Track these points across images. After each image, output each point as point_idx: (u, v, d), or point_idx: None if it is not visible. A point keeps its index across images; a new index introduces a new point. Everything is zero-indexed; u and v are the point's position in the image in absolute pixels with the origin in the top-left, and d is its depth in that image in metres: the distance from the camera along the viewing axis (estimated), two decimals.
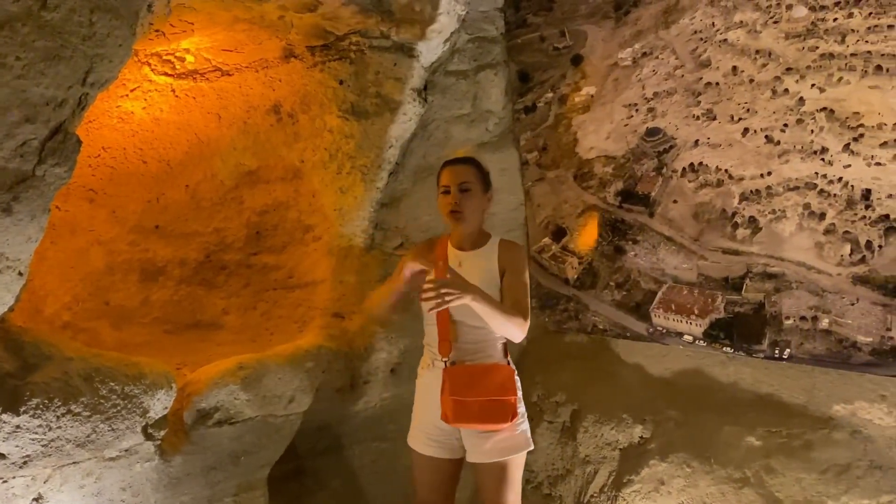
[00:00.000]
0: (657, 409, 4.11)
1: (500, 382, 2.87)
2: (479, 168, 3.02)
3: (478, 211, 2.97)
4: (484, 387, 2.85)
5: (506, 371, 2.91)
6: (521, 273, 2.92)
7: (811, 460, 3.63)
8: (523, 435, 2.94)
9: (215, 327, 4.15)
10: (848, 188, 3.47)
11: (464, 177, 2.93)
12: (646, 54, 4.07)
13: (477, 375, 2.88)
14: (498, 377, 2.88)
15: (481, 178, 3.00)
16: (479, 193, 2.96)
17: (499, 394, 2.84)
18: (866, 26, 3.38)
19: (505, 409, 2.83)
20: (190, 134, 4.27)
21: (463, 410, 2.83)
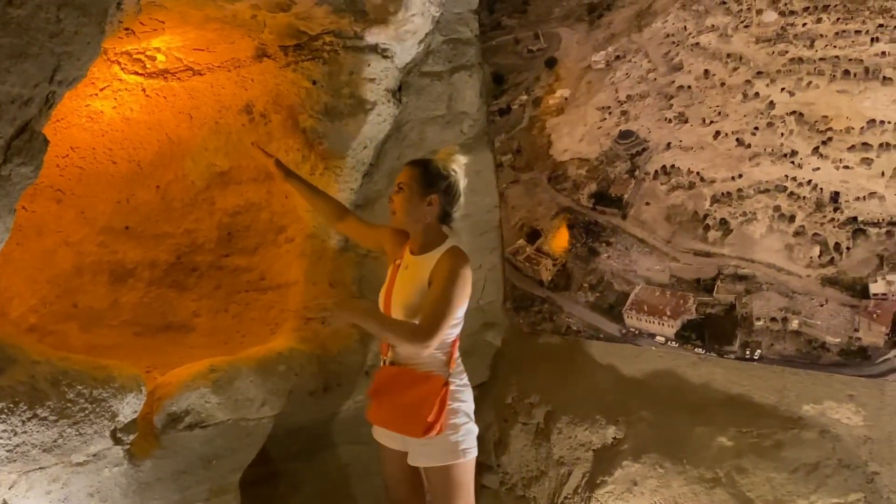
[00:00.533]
0: (630, 410, 4.14)
1: (422, 396, 2.85)
2: (423, 170, 3.00)
3: (411, 212, 2.97)
4: (403, 395, 2.88)
5: (433, 385, 2.87)
6: (443, 285, 2.82)
7: (781, 460, 3.68)
8: (454, 446, 2.90)
9: (186, 330, 4.09)
10: (817, 191, 3.51)
11: (402, 177, 3.00)
12: (619, 57, 4.10)
13: (401, 381, 2.92)
14: (420, 390, 2.87)
15: (422, 180, 2.97)
16: (413, 195, 2.95)
17: (414, 406, 2.84)
18: (834, 32, 3.43)
19: (416, 423, 2.82)
20: (161, 134, 4.21)
21: (378, 411, 2.97)
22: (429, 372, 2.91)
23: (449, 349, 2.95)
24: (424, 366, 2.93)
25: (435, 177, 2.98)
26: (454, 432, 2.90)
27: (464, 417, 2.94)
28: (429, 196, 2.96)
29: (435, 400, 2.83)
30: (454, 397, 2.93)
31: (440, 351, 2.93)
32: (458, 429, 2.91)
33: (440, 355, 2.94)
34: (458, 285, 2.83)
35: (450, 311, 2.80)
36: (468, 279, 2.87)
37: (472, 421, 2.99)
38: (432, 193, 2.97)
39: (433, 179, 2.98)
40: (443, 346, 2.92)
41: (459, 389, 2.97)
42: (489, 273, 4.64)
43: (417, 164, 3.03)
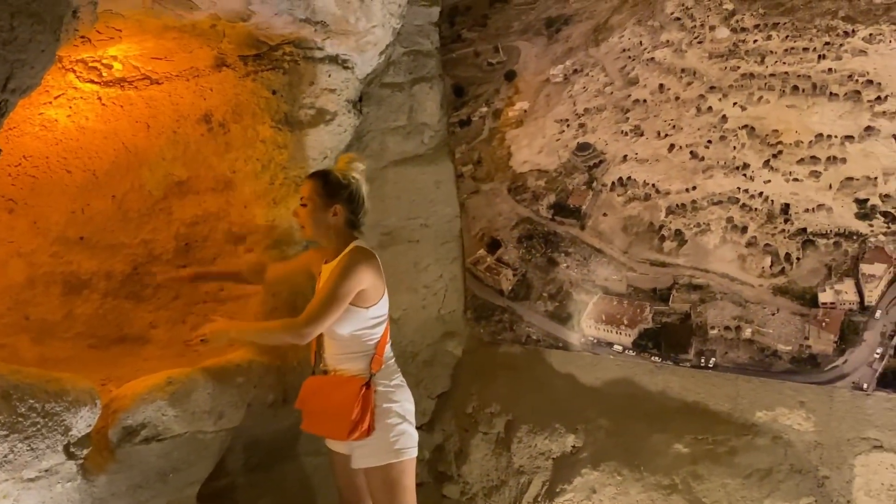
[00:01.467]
0: (589, 418, 4.18)
1: (342, 398, 2.91)
2: (323, 181, 3.06)
3: (317, 224, 3.05)
4: (324, 400, 2.98)
5: (352, 387, 2.92)
6: (330, 280, 2.90)
7: (735, 466, 3.76)
8: (389, 445, 2.96)
9: (142, 341, 4.03)
10: (768, 202, 3.62)
11: (305, 191, 3.07)
12: (577, 71, 4.17)
13: (323, 387, 3.03)
14: (341, 393, 2.93)
15: (322, 191, 3.04)
16: (316, 207, 3.03)
17: (335, 409, 2.91)
18: (784, 48, 3.54)
19: (339, 425, 2.88)
20: (117, 143, 4.15)
21: (308, 419, 3.09)
22: (352, 376, 2.98)
23: (372, 352, 3.00)
24: (348, 371, 3.00)
25: (335, 187, 3.05)
26: (387, 432, 2.96)
27: (396, 418, 2.99)
28: (332, 206, 3.03)
29: (354, 400, 2.88)
30: (385, 398, 2.98)
31: (361, 354, 3.00)
32: (392, 429, 2.96)
33: (362, 358, 3.00)
34: (345, 281, 2.87)
35: (329, 303, 2.84)
36: (360, 276, 2.90)
37: (406, 422, 3.02)
38: (335, 203, 3.04)
39: (334, 190, 3.05)
40: (364, 350, 2.99)
41: (390, 390, 3.02)
42: (450, 283, 4.66)
43: (317, 177, 3.10)
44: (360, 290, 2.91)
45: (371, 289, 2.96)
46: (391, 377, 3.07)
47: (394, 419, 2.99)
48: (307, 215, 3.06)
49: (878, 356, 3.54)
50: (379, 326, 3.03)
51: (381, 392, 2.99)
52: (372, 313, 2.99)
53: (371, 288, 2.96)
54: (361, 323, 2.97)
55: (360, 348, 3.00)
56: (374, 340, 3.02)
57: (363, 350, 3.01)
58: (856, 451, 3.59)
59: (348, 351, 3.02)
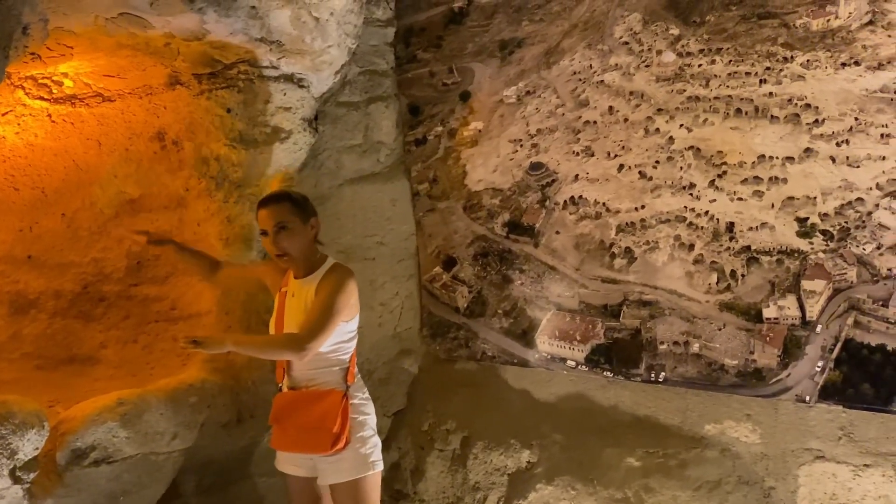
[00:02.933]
0: (543, 434, 4.23)
1: (323, 411, 2.88)
2: (293, 201, 3.02)
3: (303, 244, 2.99)
4: (304, 414, 2.91)
5: (332, 399, 2.91)
6: (324, 295, 2.87)
7: (686, 478, 3.84)
8: (364, 458, 2.95)
9: (92, 362, 3.95)
10: (714, 221, 3.73)
11: (278, 216, 2.95)
12: (529, 92, 4.26)
13: (300, 402, 2.95)
14: (321, 406, 2.90)
15: (298, 209, 3.00)
16: (297, 226, 2.97)
17: (317, 422, 2.87)
18: (727, 72, 3.68)
19: (322, 438, 2.85)
20: (67, 161, 4.09)
21: (282, 436, 2.98)
22: (329, 389, 2.95)
23: (347, 365, 3.00)
24: (324, 384, 2.96)
25: (304, 201, 3.05)
26: (362, 445, 2.95)
27: (369, 430, 3.00)
28: (310, 221, 3.02)
29: (337, 412, 2.87)
30: (358, 410, 2.98)
31: (337, 367, 2.98)
32: (366, 441, 2.97)
33: (337, 371, 2.98)
34: (341, 296, 2.87)
35: (329, 318, 2.83)
36: (352, 291, 2.93)
37: (376, 434, 3.05)
38: (311, 217, 3.03)
39: (305, 204, 3.04)
40: (340, 363, 2.98)
41: (362, 403, 3.03)
42: (406, 300, 4.67)
43: (282, 199, 3.02)
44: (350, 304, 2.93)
45: (355, 304, 2.98)
46: (362, 389, 3.08)
47: (367, 431, 2.99)
48: (290, 237, 2.95)
49: (819, 369, 3.67)
50: (353, 340, 3.03)
51: (355, 404, 2.98)
52: (350, 327, 2.98)
53: (355, 303, 2.98)
54: (340, 336, 2.95)
55: (336, 361, 2.97)
56: (349, 353, 3.01)
57: (339, 363, 2.98)
58: (800, 462, 3.71)
59: (324, 365, 2.96)
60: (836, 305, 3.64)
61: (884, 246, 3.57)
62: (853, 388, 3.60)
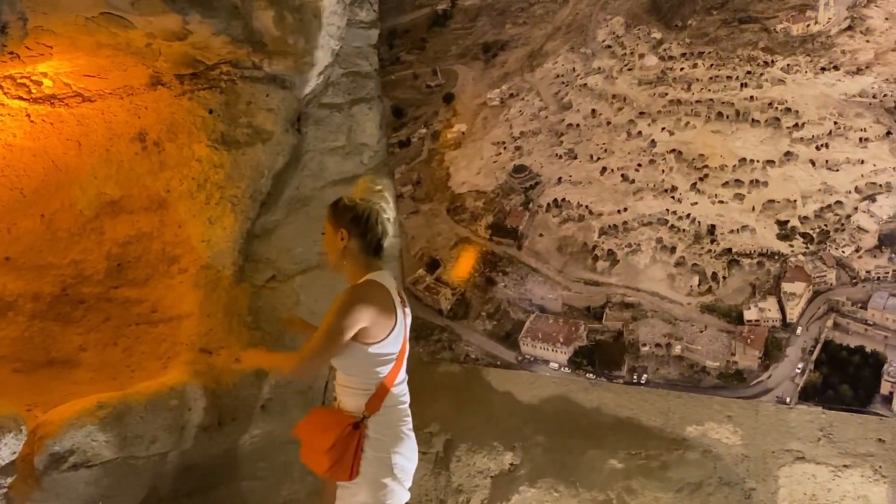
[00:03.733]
0: (526, 436, 4.24)
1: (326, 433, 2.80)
2: (332, 209, 3.00)
3: (334, 251, 2.97)
4: (313, 432, 2.88)
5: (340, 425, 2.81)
6: (328, 316, 2.79)
7: (667, 480, 3.86)
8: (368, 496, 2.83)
9: (71, 365, 3.91)
10: (695, 224, 3.76)
11: (325, 220, 3.01)
12: (513, 95, 4.28)
13: (318, 420, 2.94)
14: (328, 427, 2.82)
15: (332, 219, 2.97)
16: (329, 234, 2.97)
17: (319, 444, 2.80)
18: (709, 76, 3.71)
19: (320, 460, 2.79)
20: (46, 161, 4.05)
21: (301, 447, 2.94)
22: (344, 411, 2.87)
23: (370, 391, 2.84)
24: (346, 406, 2.88)
25: (340, 211, 2.96)
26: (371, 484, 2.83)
27: (384, 472, 2.83)
28: (339, 231, 2.93)
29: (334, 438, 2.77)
30: (378, 446, 2.83)
31: (357, 391, 2.85)
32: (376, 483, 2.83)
33: (358, 396, 2.85)
34: (338, 318, 2.74)
35: (322, 341, 2.75)
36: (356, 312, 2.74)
37: (393, 477, 2.85)
38: (341, 228, 2.94)
39: (339, 215, 2.96)
40: (361, 388, 2.85)
41: (383, 439, 2.85)
42: None
43: (329, 205, 3.02)
44: (362, 327, 2.76)
45: (374, 326, 2.78)
46: (391, 425, 2.89)
47: (381, 472, 2.83)
48: (325, 243, 3.02)
49: (799, 371, 3.72)
50: (384, 365, 2.84)
51: (373, 439, 2.83)
52: (377, 350, 2.82)
53: (373, 325, 2.78)
54: (362, 360, 2.82)
55: (362, 385, 2.85)
56: (375, 380, 2.84)
57: (362, 388, 2.85)
58: (780, 463, 3.74)
59: (351, 385, 2.88)
60: (816, 307, 3.68)
61: (862, 249, 3.60)
62: (833, 390, 3.65)
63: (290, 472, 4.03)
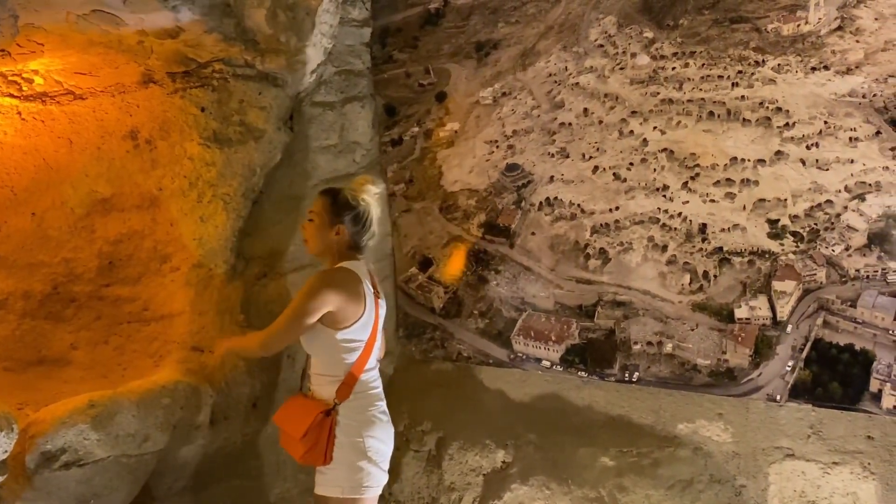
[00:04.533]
0: (518, 434, 4.25)
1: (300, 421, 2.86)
2: (332, 200, 3.01)
3: (318, 239, 3.01)
4: (289, 419, 2.95)
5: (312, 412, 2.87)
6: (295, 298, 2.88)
7: (658, 477, 3.88)
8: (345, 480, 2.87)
9: (62, 363, 3.89)
10: (687, 222, 3.77)
11: (315, 206, 3.04)
12: (505, 94, 4.28)
13: (292, 407, 3.00)
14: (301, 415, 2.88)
15: (331, 210, 2.99)
16: (322, 224, 2.99)
17: (294, 431, 2.87)
18: (700, 76, 3.72)
19: (295, 447, 2.87)
20: (37, 159, 4.03)
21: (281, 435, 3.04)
22: (317, 400, 2.93)
23: (341, 379, 2.90)
24: (320, 394, 2.95)
25: (343, 207, 2.99)
26: (344, 466, 2.87)
27: (357, 455, 2.88)
28: (336, 226, 2.97)
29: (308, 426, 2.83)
30: (349, 431, 2.88)
31: (330, 379, 2.91)
32: (350, 465, 2.87)
33: (330, 383, 2.91)
34: (305, 299, 2.82)
35: (285, 321, 2.85)
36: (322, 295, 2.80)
37: (368, 460, 2.90)
38: (339, 224, 2.97)
39: (341, 209, 2.99)
40: (332, 376, 2.91)
41: (355, 424, 2.90)
42: None
43: (328, 194, 3.04)
44: (328, 311, 2.81)
45: (340, 312, 2.83)
46: (362, 410, 2.94)
47: (356, 455, 2.88)
48: (312, 231, 3.01)
49: (789, 369, 3.73)
50: (350, 353, 2.90)
51: (344, 424, 2.88)
52: (344, 335, 2.87)
53: (340, 311, 2.83)
54: (330, 345, 2.88)
55: (331, 371, 2.91)
56: (344, 368, 2.90)
57: (333, 374, 2.91)
58: (770, 460, 3.76)
59: (321, 373, 2.94)
60: (806, 306, 3.71)
61: (852, 247, 3.64)
62: (822, 388, 3.67)
63: (282, 471, 4.03)
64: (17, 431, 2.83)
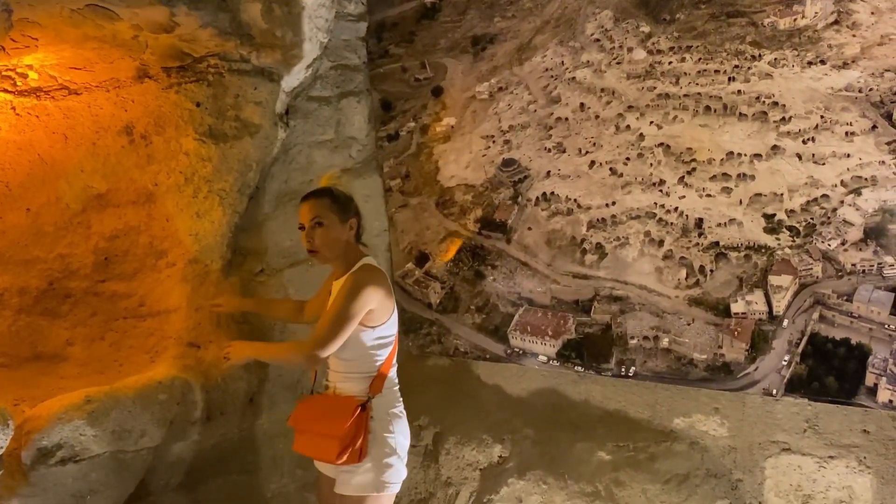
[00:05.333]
0: (515, 428, 4.26)
1: (335, 419, 2.80)
2: (334, 198, 2.97)
3: (336, 241, 2.93)
4: (318, 420, 2.86)
5: (347, 408, 2.81)
6: (337, 301, 2.82)
7: (655, 471, 3.89)
8: (376, 477, 2.85)
9: (58, 359, 3.89)
10: (683, 217, 3.78)
11: (316, 211, 2.91)
12: (501, 89, 4.28)
13: (318, 407, 2.92)
14: (335, 413, 2.82)
15: (337, 207, 2.94)
16: (334, 224, 2.92)
17: (327, 430, 2.80)
18: (696, 70, 3.72)
19: (330, 446, 2.78)
20: (32, 154, 4.01)
21: (297, 438, 2.96)
22: (348, 397, 2.87)
23: (373, 374, 2.88)
24: (348, 391, 2.90)
25: (347, 201, 2.98)
26: (376, 463, 2.85)
27: (388, 450, 2.87)
28: (348, 221, 2.95)
29: (348, 422, 2.77)
30: (382, 426, 2.87)
31: (361, 376, 2.89)
32: (381, 461, 2.85)
33: (361, 380, 2.89)
34: (353, 302, 2.76)
35: (336, 325, 2.75)
36: (367, 296, 2.78)
37: (397, 456, 2.90)
38: (351, 218, 2.96)
39: (346, 205, 2.97)
40: (364, 372, 2.88)
41: (388, 420, 2.90)
42: None
43: (323, 195, 2.98)
44: (369, 309, 2.80)
45: (379, 308, 2.83)
46: (392, 405, 2.95)
47: (386, 450, 2.87)
48: (324, 234, 2.89)
49: (785, 363, 3.74)
50: (384, 348, 2.90)
51: (378, 418, 2.87)
52: (378, 333, 2.87)
53: (379, 307, 2.83)
54: (367, 343, 2.86)
55: (363, 369, 2.89)
56: (379, 362, 2.89)
57: (366, 371, 2.89)
58: (766, 454, 3.77)
59: (351, 371, 2.90)
60: (803, 300, 3.71)
61: (848, 242, 3.63)
62: (818, 382, 3.68)
63: (279, 466, 4.03)
64: (12, 427, 2.82)
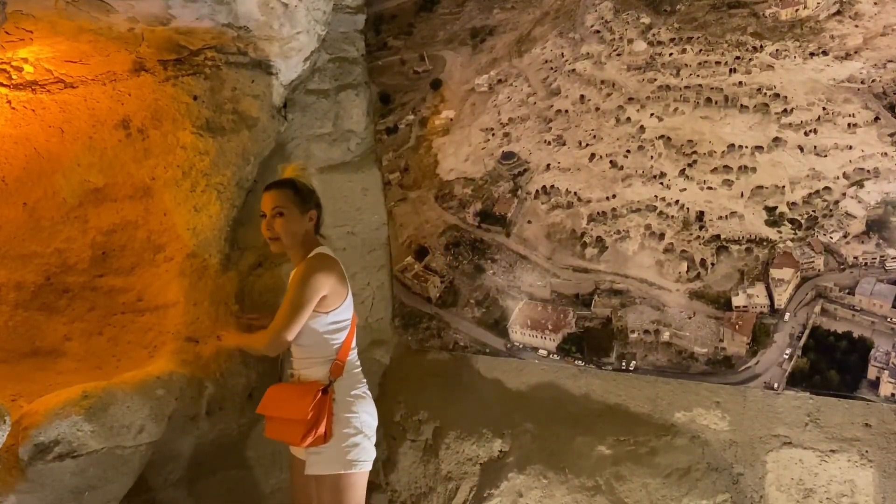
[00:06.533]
0: (515, 423, 4.24)
1: (298, 403, 2.90)
2: (296, 189, 3.08)
3: (295, 232, 3.05)
4: (283, 405, 2.98)
5: (310, 392, 2.92)
6: (291, 288, 2.95)
7: (656, 466, 3.87)
8: (342, 455, 2.95)
9: (56, 355, 3.88)
10: (684, 210, 3.75)
11: (278, 201, 3.04)
12: (501, 81, 4.25)
13: (284, 393, 3.03)
14: (298, 398, 2.93)
15: (298, 199, 3.06)
16: (294, 215, 3.04)
17: (292, 414, 2.90)
18: (697, 62, 3.69)
19: (295, 429, 2.88)
20: (28, 148, 3.99)
21: (267, 424, 3.08)
22: (311, 382, 2.99)
23: (333, 358, 3.00)
24: (311, 376, 3.01)
25: (308, 193, 3.11)
26: (341, 442, 2.95)
27: (352, 430, 2.98)
28: (308, 213, 3.09)
29: (310, 405, 2.87)
30: (344, 407, 2.98)
31: (322, 360, 3.00)
32: (346, 440, 2.95)
33: (323, 364, 3.00)
34: (304, 289, 2.89)
35: (290, 313, 2.89)
36: (318, 283, 2.91)
37: (362, 434, 3.01)
38: (311, 210, 3.10)
39: (308, 196, 3.10)
40: (324, 356, 3.00)
41: (351, 400, 3.01)
42: (377, 291, 4.65)
43: (286, 185, 3.09)
44: (322, 295, 2.92)
45: (332, 294, 2.96)
46: (354, 386, 3.06)
47: (350, 430, 2.97)
48: (284, 225, 3.03)
49: (787, 357, 3.72)
50: (340, 332, 3.02)
51: (339, 401, 2.98)
52: (332, 318, 2.98)
53: (332, 293, 2.96)
54: (322, 328, 2.97)
55: (322, 353, 3.00)
56: (335, 346, 3.00)
57: (325, 356, 3.00)
58: (767, 448, 3.76)
59: (310, 356, 3.02)
60: (804, 293, 3.69)
61: (850, 234, 3.62)
62: (820, 375, 3.66)
63: (278, 461, 4.02)
64: (10, 423, 2.82)
